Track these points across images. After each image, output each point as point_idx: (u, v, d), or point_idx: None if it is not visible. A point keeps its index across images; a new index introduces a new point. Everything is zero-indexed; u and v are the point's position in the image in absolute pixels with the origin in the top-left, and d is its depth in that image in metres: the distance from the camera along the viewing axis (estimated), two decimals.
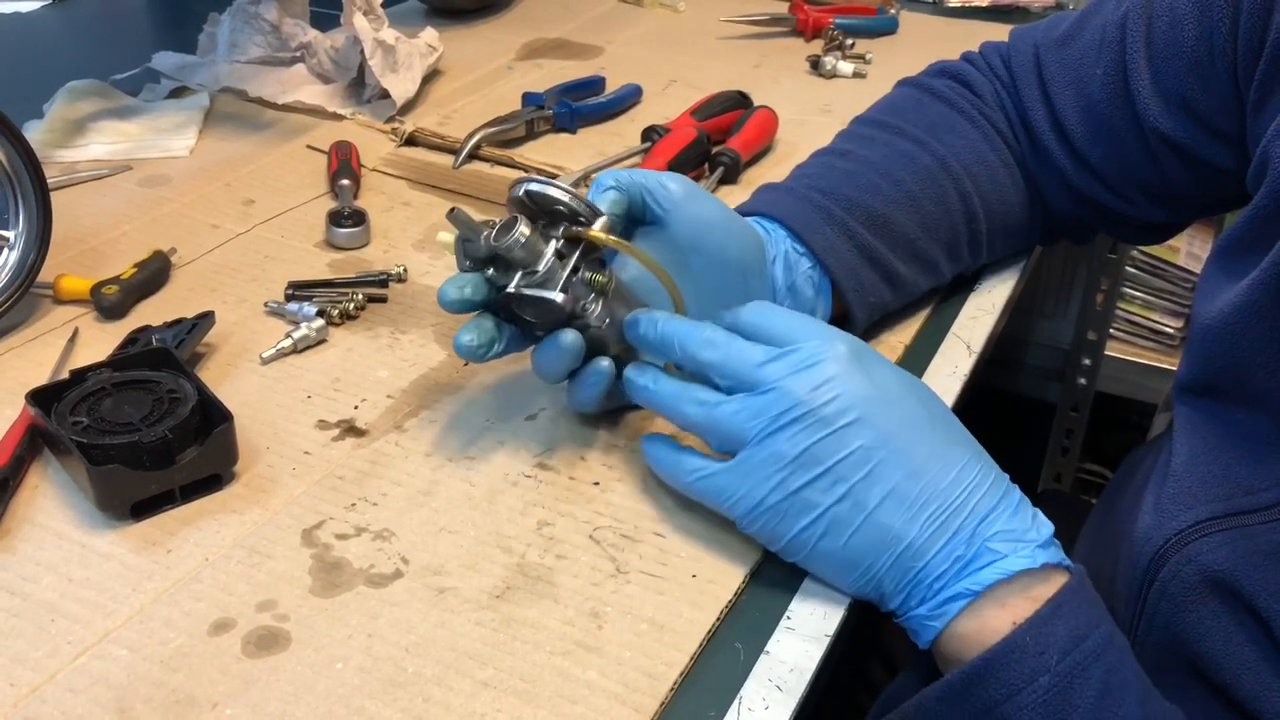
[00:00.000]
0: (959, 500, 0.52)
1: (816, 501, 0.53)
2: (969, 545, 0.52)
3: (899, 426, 0.53)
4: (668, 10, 1.39)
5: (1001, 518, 0.53)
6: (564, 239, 0.60)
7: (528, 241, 0.59)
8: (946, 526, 0.52)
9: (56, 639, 0.53)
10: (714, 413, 0.56)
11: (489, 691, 0.51)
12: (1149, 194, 0.74)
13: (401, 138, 1.03)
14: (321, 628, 0.54)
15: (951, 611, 0.52)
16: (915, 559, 0.52)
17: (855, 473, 0.52)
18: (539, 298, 0.59)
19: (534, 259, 0.60)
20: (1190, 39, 0.64)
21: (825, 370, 0.53)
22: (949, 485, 0.53)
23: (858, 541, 0.53)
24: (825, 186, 0.73)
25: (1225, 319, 0.58)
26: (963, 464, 0.53)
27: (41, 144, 0.99)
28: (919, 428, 0.54)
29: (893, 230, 0.73)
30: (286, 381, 0.71)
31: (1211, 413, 0.61)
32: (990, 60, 0.82)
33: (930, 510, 0.52)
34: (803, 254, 0.70)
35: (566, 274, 0.60)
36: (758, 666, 0.53)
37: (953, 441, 0.54)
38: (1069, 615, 0.51)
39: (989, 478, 0.54)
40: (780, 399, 0.53)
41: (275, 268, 0.83)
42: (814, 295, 0.71)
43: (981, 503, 0.53)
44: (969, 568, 0.52)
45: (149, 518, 0.60)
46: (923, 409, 0.55)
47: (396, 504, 0.62)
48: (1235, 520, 0.57)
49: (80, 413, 0.62)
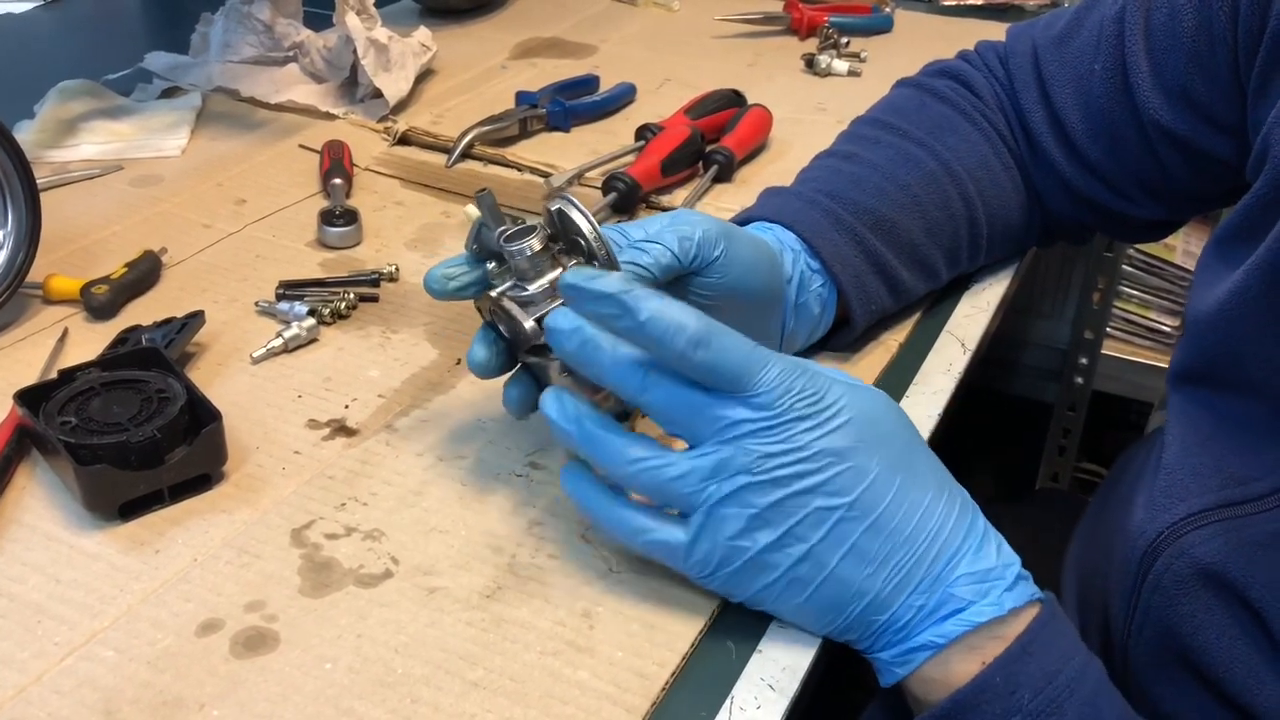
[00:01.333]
0: (921, 549, 0.50)
1: (775, 563, 0.51)
2: (931, 593, 0.50)
3: (855, 480, 0.50)
4: (662, 9, 1.38)
5: (965, 559, 0.51)
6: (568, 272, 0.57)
7: (534, 256, 0.57)
8: (909, 578, 0.50)
9: (43, 640, 0.53)
10: (659, 476, 0.51)
11: (479, 692, 0.50)
12: (1149, 190, 0.73)
13: (394, 137, 1.02)
14: (310, 628, 0.53)
15: (917, 660, 0.50)
16: (878, 612, 0.51)
17: (814, 534, 0.50)
18: (512, 316, 0.57)
19: (533, 276, 0.57)
20: (1189, 29, 0.64)
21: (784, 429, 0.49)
22: (910, 534, 0.50)
23: (819, 598, 0.51)
24: (832, 190, 0.72)
25: (1220, 306, 0.57)
26: (925, 507, 0.51)
27: (33, 144, 0.99)
28: (879, 476, 0.50)
29: (898, 235, 0.72)
30: (277, 381, 0.71)
31: (1205, 402, 0.61)
32: (987, 59, 0.82)
33: (892, 564, 0.50)
34: (816, 271, 0.69)
35: (551, 308, 0.56)
36: (750, 666, 0.53)
37: (915, 481, 0.51)
38: (1040, 652, 0.50)
39: (952, 515, 0.51)
40: (734, 459, 0.50)
41: (267, 267, 0.83)
42: (819, 313, 0.70)
43: (945, 547, 0.51)
44: (933, 616, 0.50)
45: (137, 518, 0.60)
46: (883, 450, 0.51)
47: (387, 503, 0.61)
48: (1227, 511, 0.57)
49: (68, 412, 0.61)
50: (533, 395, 0.60)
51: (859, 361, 0.73)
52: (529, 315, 0.57)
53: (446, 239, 0.87)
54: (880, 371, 0.72)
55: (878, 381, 0.72)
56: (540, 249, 0.57)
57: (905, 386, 0.72)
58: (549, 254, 0.57)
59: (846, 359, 0.73)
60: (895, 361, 0.74)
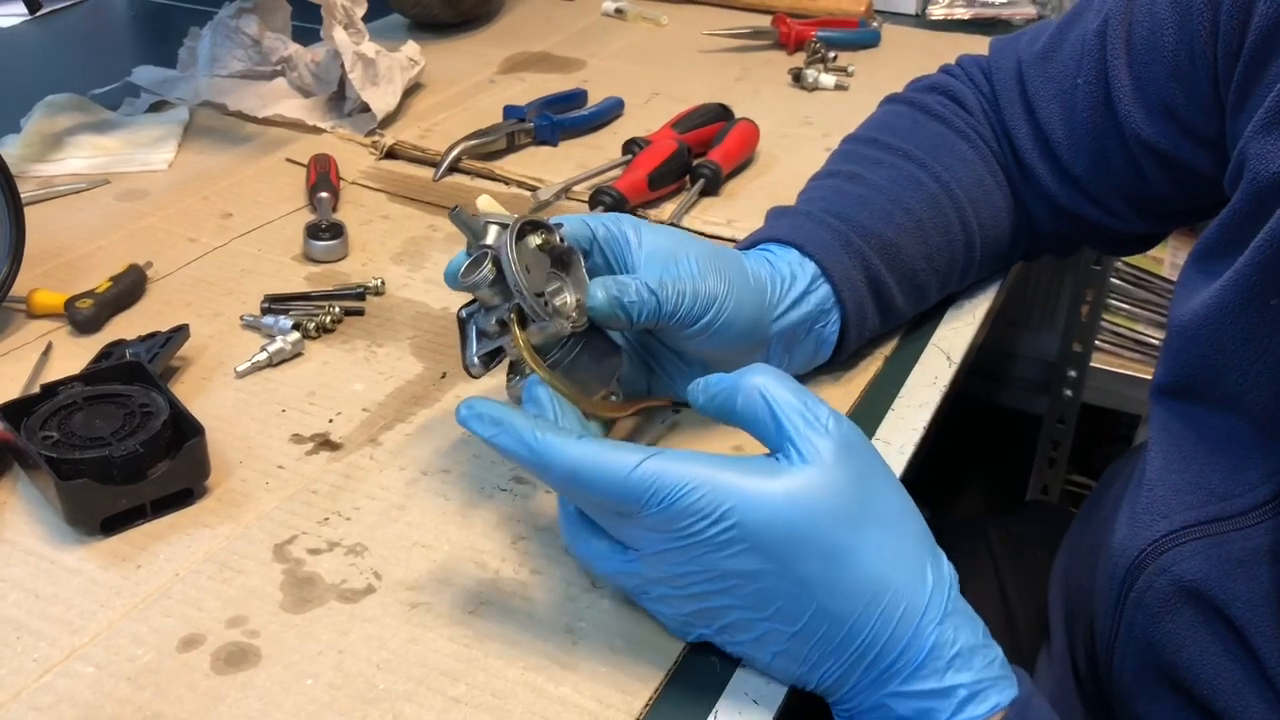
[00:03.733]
0: (851, 659, 0.48)
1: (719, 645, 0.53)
2: (869, 695, 0.49)
3: (769, 598, 0.48)
4: (650, 24, 1.39)
5: (901, 675, 0.48)
6: (509, 313, 0.57)
7: (491, 285, 0.57)
8: (845, 679, 0.49)
9: (22, 656, 0.52)
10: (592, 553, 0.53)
11: (461, 708, 0.50)
12: (1133, 204, 0.74)
13: (381, 151, 1.02)
14: (292, 644, 0.53)
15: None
16: (824, 694, 0.51)
17: (742, 635, 0.50)
18: (465, 344, 0.61)
19: (491, 305, 0.58)
20: (1170, 44, 0.64)
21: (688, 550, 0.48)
22: (839, 645, 0.48)
23: (772, 673, 0.52)
24: (840, 212, 0.72)
25: (1200, 319, 0.57)
26: (852, 621, 0.47)
27: (19, 158, 0.99)
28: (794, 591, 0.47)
29: (900, 260, 0.72)
30: (261, 395, 0.70)
31: (1186, 416, 0.61)
32: (971, 74, 0.82)
33: (823, 669, 0.49)
34: (825, 310, 0.68)
35: (499, 343, 0.59)
36: (733, 681, 0.52)
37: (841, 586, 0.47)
38: None
39: (891, 622, 0.47)
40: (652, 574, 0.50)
41: (252, 281, 0.82)
42: (814, 351, 0.70)
43: (878, 659, 0.48)
44: (869, 715, 0.49)
45: (119, 533, 0.59)
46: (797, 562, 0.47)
47: (370, 518, 0.61)
48: (1210, 528, 0.57)
49: (50, 427, 0.61)
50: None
51: (844, 376, 0.73)
52: (477, 349, 0.61)
53: (433, 253, 0.87)
54: (865, 385, 0.72)
55: (864, 395, 0.72)
56: (495, 276, 0.57)
57: (891, 400, 0.72)
58: (502, 283, 0.57)
59: (833, 376, 0.73)
60: (880, 375, 0.74)
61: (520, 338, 0.56)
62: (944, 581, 0.49)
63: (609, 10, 1.41)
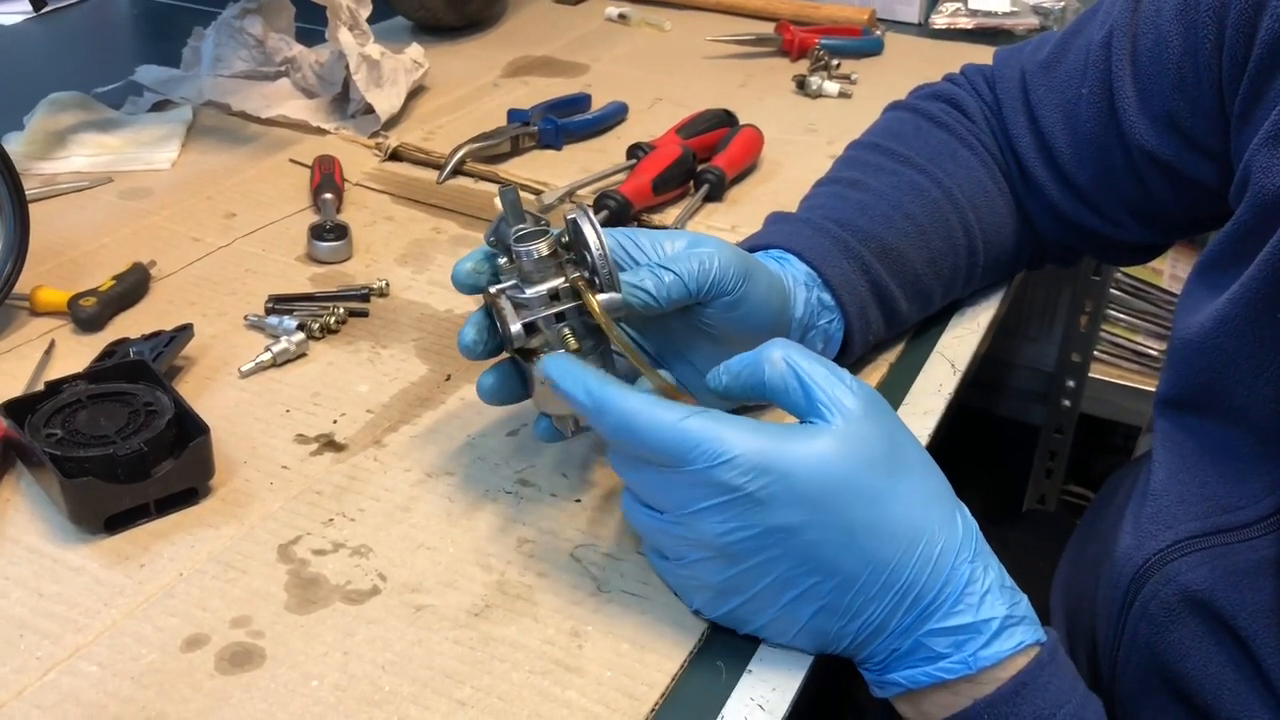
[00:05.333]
0: (891, 604, 0.49)
1: (749, 620, 0.53)
2: (905, 638, 0.50)
3: (813, 550, 0.49)
4: (654, 29, 1.39)
5: (939, 613, 0.49)
6: (570, 284, 0.57)
7: (539, 261, 0.57)
8: (883, 628, 0.50)
9: (25, 655, 0.52)
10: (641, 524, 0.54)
11: (466, 711, 0.50)
12: (1136, 215, 0.74)
13: (385, 153, 1.02)
14: (297, 645, 0.53)
15: (891, 692, 0.51)
16: (855, 652, 0.52)
17: (781, 595, 0.50)
18: (503, 316, 0.57)
19: (536, 280, 0.57)
20: (1175, 56, 0.64)
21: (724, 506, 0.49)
22: (879, 591, 0.49)
23: (798, 641, 0.53)
24: (841, 218, 0.72)
25: (1205, 333, 0.57)
26: (894, 563, 0.49)
27: (22, 155, 0.98)
28: (840, 540, 0.49)
29: (903, 266, 0.72)
30: (265, 395, 0.70)
31: (1190, 428, 0.61)
32: (975, 83, 0.82)
33: (863, 618, 0.50)
34: (827, 306, 0.69)
35: (543, 315, 0.57)
36: (739, 686, 0.52)
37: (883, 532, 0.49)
38: (1034, 694, 0.49)
39: (929, 565, 0.49)
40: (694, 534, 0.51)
41: (256, 281, 0.82)
42: (823, 348, 0.70)
43: (917, 600, 0.49)
44: (906, 660, 0.50)
45: (123, 531, 0.59)
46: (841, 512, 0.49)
47: (375, 520, 0.61)
48: (1214, 539, 0.57)
49: (54, 425, 0.61)
50: (508, 387, 0.61)
51: None
52: (519, 319, 0.57)
53: (437, 255, 0.87)
54: None
55: None
56: (547, 254, 0.57)
57: (896, 406, 0.72)
58: (556, 261, 0.58)
59: None
60: (886, 381, 0.74)
61: (594, 302, 0.56)
62: (971, 525, 0.52)
63: (612, 15, 1.42)
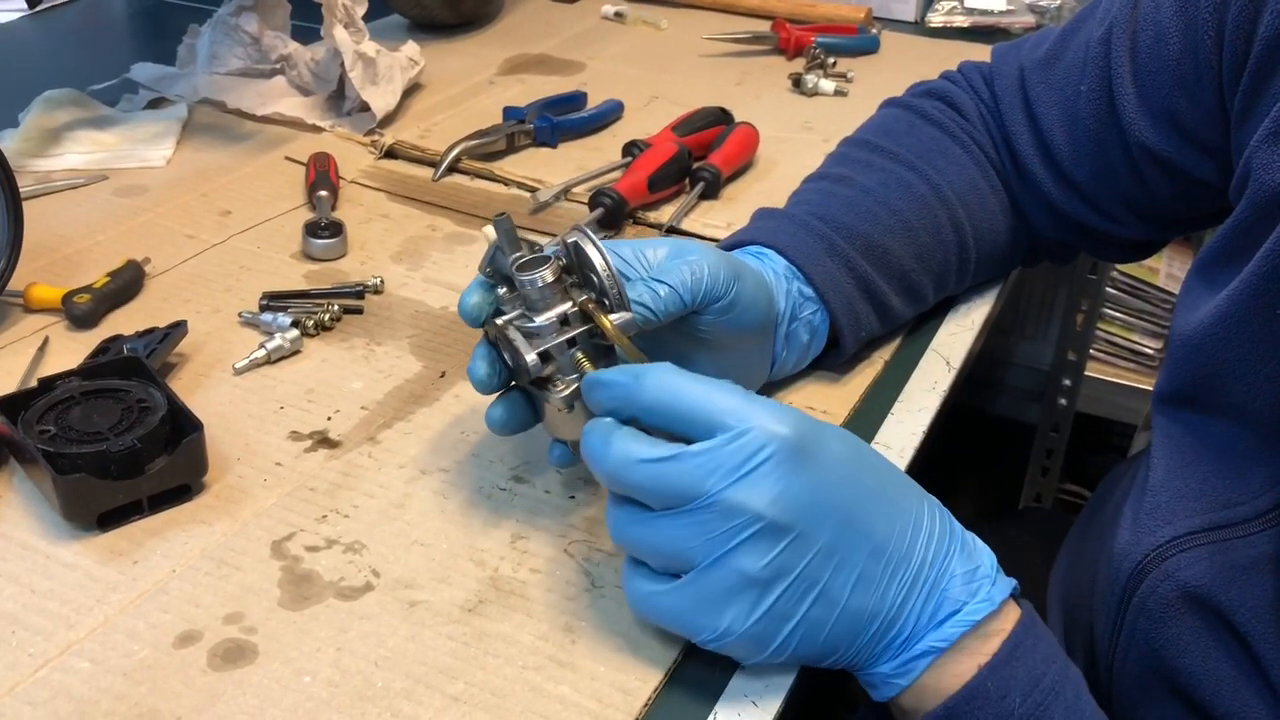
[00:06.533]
0: (918, 562, 0.51)
1: (791, 613, 0.49)
2: (929, 599, 0.51)
3: (852, 506, 0.50)
4: (650, 27, 1.39)
5: (953, 562, 0.51)
6: (579, 308, 0.56)
7: (545, 289, 0.55)
8: (912, 590, 0.51)
9: (17, 651, 0.52)
10: (650, 530, 0.50)
11: (459, 706, 0.50)
12: (1134, 211, 0.74)
13: (381, 150, 1.02)
14: (290, 641, 0.53)
15: (920, 668, 0.50)
16: (887, 630, 0.51)
17: (823, 571, 0.49)
18: (516, 348, 0.55)
19: (542, 308, 0.56)
20: (1175, 53, 0.64)
21: (772, 471, 0.48)
22: (906, 550, 0.50)
23: (835, 634, 0.50)
24: (826, 214, 0.72)
25: (1204, 330, 0.57)
26: (913, 520, 0.51)
27: (17, 153, 0.98)
28: (872, 498, 0.50)
29: (890, 262, 0.72)
30: (259, 392, 0.70)
31: (1189, 424, 0.61)
32: (972, 80, 0.82)
33: (896, 582, 0.50)
34: (808, 298, 0.69)
35: (556, 342, 0.55)
36: (733, 682, 0.52)
37: (898, 498, 0.52)
38: (1026, 655, 0.50)
39: (935, 523, 0.52)
40: (730, 513, 0.48)
41: (251, 278, 0.82)
42: (809, 340, 0.70)
43: (935, 553, 0.51)
44: (931, 622, 0.50)
45: (116, 528, 0.59)
46: (870, 473, 0.51)
47: (368, 516, 0.61)
48: (1213, 535, 0.57)
49: (48, 421, 0.61)
50: (518, 417, 0.60)
51: (845, 380, 0.73)
52: (533, 348, 0.55)
53: (432, 252, 0.87)
54: (866, 389, 0.72)
55: (863, 398, 0.72)
56: (553, 280, 0.55)
57: (890, 404, 0.72)
58: (561, 286, 0.56)
59: (833, 379, 0.73)
60: (881, 379, 0.74)
61: (607, 322, 0.54)
62: None
63: (608, 13, 1.41)
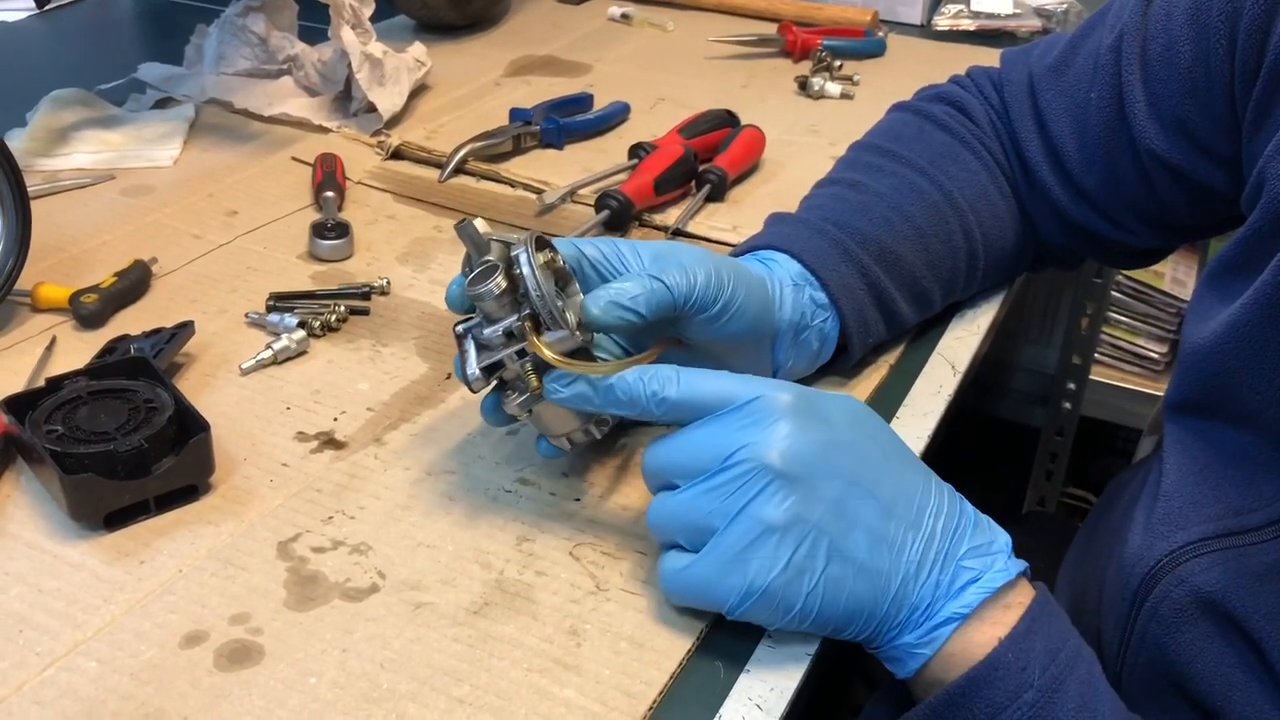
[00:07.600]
0: (929, 528, 0.52)
1: (810, 566, 0.50)
2: (944, 569, 0.52)
3: (861, 466, 0.52)
4: (656, 30, 1.39)
5: (966, 534, 0.53)
6: (521, 322, 0.56)
7: (499, 297, 0.55)
8: (925, 556, 0.52)
9: (24, 650, 0.52)
10: (674, 503, 0.53)
11: (464, 708, 0.50)
12: (1143, 219, 0.73)
13: (387, 151, 1.02)
14: (295, 642, 0.53)
15: (943, 636, 0.51)
16: (908, 594, 0.52)
17: (837, 523, 0.51)
18: (465, 358, 0.57)
19: (497, 318, 0.56)
20: (1186, 61, 0.64)
21: (780, 428, 0.51)
22: (916, 515, 0.52)
23: (856, 594, 0.51)
24: (839, 219, 0.72)
25: (1216, 339, 0.57)
26: (921, 489, 0.53)
27: (24, 152, 0.99)
28: (877, 462, 0.53)
29: (901, 268, 0.72)
30: (266, 393, 0.70)
31: (1201, 432, 0.61)
32: (981, 86, 0.82)
33: (909, 545, 0.52)
34: (821, 306, 0.69)
35: (506, 353, 0.56)
36: (738, 685, 0.52)
37: (906, 468, 0.54)
38: (1043, 629, 0.52)
39: (944, 498, 0.54)
40: (744, 471, 0.50)
41: (257, 279, 0.82)
42: (819, 347, 0.70)
43: (946, 524, 0.53)
44: (950, 591, 0.52)
45: (122, 528, 0.59)
46: (874, 442, 0.54)
47: (374, 517, 0.61)
48: (1227, 541, 0.57)
49: (55, 421, 0.61)
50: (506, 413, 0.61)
51: (851, 384, 0.73)
52: (482, 360, 0.57)
53: (438, 253, 0.87)
54: (871, 392, 0.72)
55: (869, 402, 0.71)
56: (505, 288, 0.55)
57: (896, 408, 0.72)
58: (512, 295, 0.56)
59: (840, 383, 0.73)
60: (886, 383, 0.74)
61: (539, 342, 0.55)
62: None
63: (615, 15, 1.42)
